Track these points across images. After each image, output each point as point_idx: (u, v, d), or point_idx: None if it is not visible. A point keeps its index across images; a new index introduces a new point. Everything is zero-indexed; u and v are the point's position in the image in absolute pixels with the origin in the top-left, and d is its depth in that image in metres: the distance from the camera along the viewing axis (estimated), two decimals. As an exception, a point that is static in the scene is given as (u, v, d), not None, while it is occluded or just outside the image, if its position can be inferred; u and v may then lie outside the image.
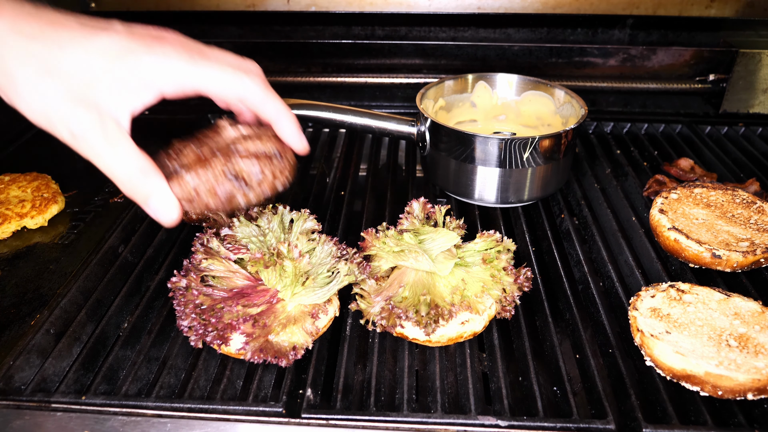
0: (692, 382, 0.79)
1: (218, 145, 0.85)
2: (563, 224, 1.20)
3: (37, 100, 0.63)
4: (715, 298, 0.89)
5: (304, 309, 0.87)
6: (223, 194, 0.82)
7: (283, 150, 0.87)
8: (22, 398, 0.79)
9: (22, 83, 0.62)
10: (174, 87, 0.70)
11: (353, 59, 1.64)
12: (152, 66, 0.67)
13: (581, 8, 1.66)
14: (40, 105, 0.63)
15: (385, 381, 0.84)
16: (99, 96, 0.64)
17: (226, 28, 1.65)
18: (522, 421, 0.76)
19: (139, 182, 0.70)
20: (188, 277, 0.87)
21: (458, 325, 0.87)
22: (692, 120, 1.62)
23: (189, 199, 0.80)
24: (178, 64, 0.69)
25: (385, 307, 0.87)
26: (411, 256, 0.92)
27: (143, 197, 0.72)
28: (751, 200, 1.11)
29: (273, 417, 0.77)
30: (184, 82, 0.70)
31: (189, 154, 0.84)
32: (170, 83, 0.69)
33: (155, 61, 0.67)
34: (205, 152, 0.83)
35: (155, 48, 0.68)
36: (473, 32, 1.64)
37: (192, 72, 0.70)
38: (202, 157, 0.83)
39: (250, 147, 0.84)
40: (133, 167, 0.68)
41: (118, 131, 0.66)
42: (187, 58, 0.70)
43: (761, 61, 1.55)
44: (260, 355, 0.80)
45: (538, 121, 1.38)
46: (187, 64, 0.70)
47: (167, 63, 0.68)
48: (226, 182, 0.81)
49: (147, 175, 0.70)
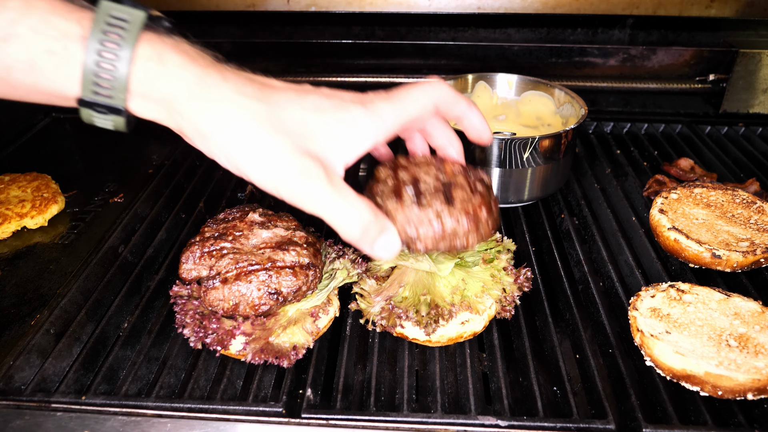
0: (692, 382, 0.79)
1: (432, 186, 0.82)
2: (563, 224, 1.20)
3: (267, 155, 0.63)
4: (715, 298, 0.89)
5: (304, 310, 0.87)
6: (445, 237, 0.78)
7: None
8: (22, 398, 0.79)
9: (252, 139, 0.63)
10: (385, 131, 0.71)
11: (353, 59, 1.64)
12: (364, 118, 0.68)
13: (581, 8, 1.65)
14: (270, 160, 0.63)
15: (385, 381, 0.84)
16: (320, 149, 0.66)
17: (226, 28, 1.65)
18: (522, 421, 0.76)
19: (371, 227, 0.69)
20: (190, 287, 0.87)
21: (458, 325, 0.87)
22: (692, 120, 1.62)
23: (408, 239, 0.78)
24: (384, 107, 0.70)
25: (385, 306, 0.87)
26: (411, 255, 0.92)
27: (371, 241, 0.71)
28: (751, 200, 1.11)
29: (273, 417, 0.77)
30: (393, 120, 0.71)
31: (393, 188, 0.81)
32: (382, 130, 0.70)
33: (366, 113, 0.69)
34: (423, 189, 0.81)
35: (362, 100, 0.70)
36: (473, 32, 1.64)
37: (395, 108, 0.71)
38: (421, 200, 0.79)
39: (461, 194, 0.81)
40: (365, 213, 0.68)
41: (341, 180, 0.68)
42: (385, 99, 0.71)
43: (761, 61, 1.55)
44: (261, 356, 0.81)
45: (538, 121, 1.38)
46: (387, 103, 0.71)
47: (376, 112, 0.69)
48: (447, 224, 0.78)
49: (377, 218, 0.70)
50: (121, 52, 0.58)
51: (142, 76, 0.60)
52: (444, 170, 0.83)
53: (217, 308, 0.82)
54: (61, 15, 0.58)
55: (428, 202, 0.76)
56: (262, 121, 0.64)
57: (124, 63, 0.59)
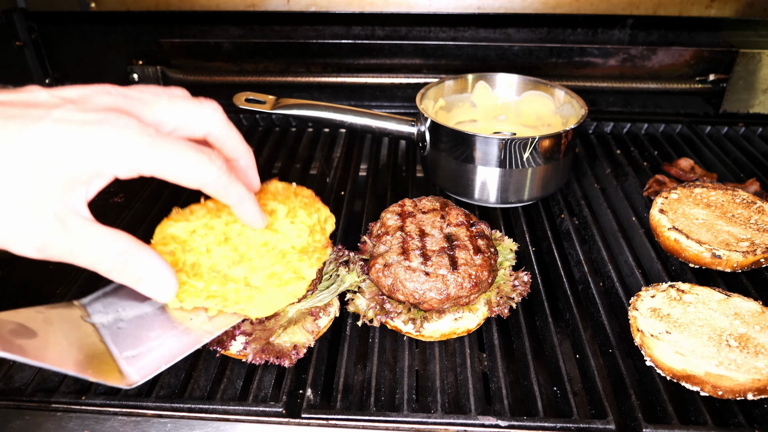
0: (692, 382, 0.79)
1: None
2: (563, 224, 1.20)
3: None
4: (715, 298, 0.89)
5: (304, 310, 0.87)
6: None
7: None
8: (22, 398, 0.79)
9: None
10: (130, 160, 0.59)
11: (353, 59, 1.64)
12: (99, 149, 0.57)
13: (581, 8, 1.66)
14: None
15: (385, 381, 0.84)
16: (49, 197, 0.56)
17: (226, 28, 1.65)
18: (522, 421, 0.76)
19: (124, 264, 0.61)
20: None
21: (451, 322, 0.87)
22: (692, 120, 1.62)
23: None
24: (130, 131, 0.58)
25: (377, 299, 0.88)
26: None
27: (135, 279, 0.63)
28: (751, 200, 1.11)
29: (273, 417, 0.77)
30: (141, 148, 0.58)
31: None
32: (124, 160, 0.58)
33: (101, 142, 0.57)
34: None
35: (99, 127, 0.57)
36: (473, 32, 1.64)
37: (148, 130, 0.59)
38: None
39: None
40: (112, 252, 0.60)
41: (81, 223, 0.59)
42: (138, 127, 0.59)
43: (761, 61, 1.55)
44: (262, 355, 0.80)
45: (538, 121, 1.38)
46: (138, 132, 0.58)
47: (116, 138, 0.57)
48: None
49: (129, 253, 0.61)
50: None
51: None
52: (449, 220, 0.95)
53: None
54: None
55: (434, 268, 0.85)
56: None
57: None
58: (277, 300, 0.74)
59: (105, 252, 0.60)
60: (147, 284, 0.63)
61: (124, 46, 1.65)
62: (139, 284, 0.63)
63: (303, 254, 0.79)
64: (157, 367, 0.65)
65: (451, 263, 0.86)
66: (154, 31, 1.62)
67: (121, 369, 0.64)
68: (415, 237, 0.91)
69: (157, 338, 0.67)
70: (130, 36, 1.64)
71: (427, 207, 0.98)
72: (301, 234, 0.81)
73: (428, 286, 0.84)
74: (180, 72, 1.65)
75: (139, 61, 1.65)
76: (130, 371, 0.63)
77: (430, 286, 0.84)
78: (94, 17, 1.64)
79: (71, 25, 1.62)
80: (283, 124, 1.62)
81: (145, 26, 1.62)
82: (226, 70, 1.66)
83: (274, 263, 0.77)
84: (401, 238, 0.91)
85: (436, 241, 0.90)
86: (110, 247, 0.60)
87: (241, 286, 0.74)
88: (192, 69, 1.66)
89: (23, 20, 1.58)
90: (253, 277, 0.76)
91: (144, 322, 0.68)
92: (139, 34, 1.63)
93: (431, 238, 0.91)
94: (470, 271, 0.85)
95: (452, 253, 0.88)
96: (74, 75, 1.68)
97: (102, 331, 0.67)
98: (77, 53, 1.65)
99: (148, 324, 0.68)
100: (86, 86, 0.62)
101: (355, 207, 1.27)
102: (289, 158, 1.45)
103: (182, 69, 1.66)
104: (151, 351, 0.66)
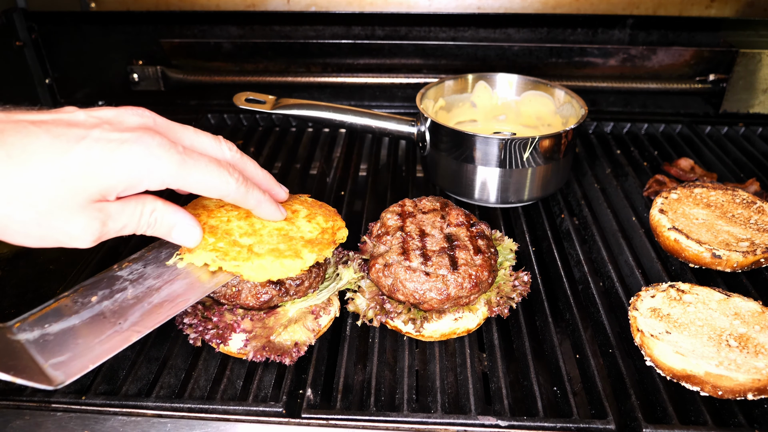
0: (692, 382, 0.79)
1: None
2: (563, 224, 1.20)
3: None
4: (715, 298, 0.89)
5: (304, 309, 0.87)
6: None
7: None
8: (22, 398, 0.79)
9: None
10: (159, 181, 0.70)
11: (353, 59, 1.64)
12: (134, 165, 0.66)
13: (581, 8, 1.66)
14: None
15: (385, 381, 0.84)
16: (92, 202, 0.65)
17: (226, 28, 1.65)
18: (522, 421, 0.76)
19: (156, 220, 0.73)
20: None
21: (451, 322, 0.87)
22: (692, 120, 1.62)
23: None
24: (161, 149, 0.68)
25: (378, 299, 0.88)
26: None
27: (167, 229, 0.75)
28: (751, 200, 1.11)
29: (273, 417, 0.77)
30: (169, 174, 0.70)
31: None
32: (155, 175, 0.68)
33: (136, 159, 0.66)
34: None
35: (135, 146, 0.66)
36: (473, 32, 1.64)
37: None
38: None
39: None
40: (146, 212, 0.72)
41: (116, 206, 0.68)
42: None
43: (761, 61, 1.55)
44: (263, 353, 0.81)
45: (538, 121, 1.38)
46: (168, 151, 0.69)
47: (149, 156, 0.67)
48: None
49: (159, 210, 0.73)
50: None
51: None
52: (449, 220, 0.95)
53: (219, 293, 0.83)
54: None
55: (434, 268, 0.85)
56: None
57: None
58: (271, 268, 0.80)
59: (140, 215, 0.71)
60: (178, 232, 0.76)
61: (124, 46, 1.65)
62: (172, 233, 0.76)
63: (309, 244, 0.85)
64: (84, 367, 0.67)
65: (451, 263, 0.86)
66: (154, 31, 1.62)
67: (46, 373, 0.65)
68: (415, 237, 0.91)
69: (84, 344, 0.69)
70: (130, 36, 1.63)
71: (428, 207, 0.98)
72: (313, 231, 0.88)
73: (428, 286, 0.84)
74: (180, 72, 1.65)
75: (139, 61, 1.65)
76: (56, 374, 0.65)
77: (431, 286, 0.84)
78: (94, 17, 1.64)
79: (71, 25, 1.62)
80: (283, 124, 1.62)
81: (145, 26, 1.62)
82: (226, 70, 1.66)
83: (280, 242, 0.83)
84: (401, 238, 0.91)
85: (437, 241, 0.90)
86: (144, 210, 0.71)
87: (244, 251, 0.81)
88: (192, 69, 1.66)
89: (23, 20, 1.58)
90: (257, 247, 0.82)
91: (71, 333, 0.71)
92: (139, 34, 1.63)
93: (431, 238, 0.91)
94: (470, 271, 0.85)
95: (452, 253, 0.88)
96: (74, 75, 1.68)
97: (28, 345, 0.69)
98: (77, 53, 1.65)
99: (74, 334, 0.70)
100: (119, 108, 0.71)
101: (355, 207, 1.27)
102: (289, 158, 1.45)
103: (182, 69, 1.66)
104: (78, 356, 0.68)
